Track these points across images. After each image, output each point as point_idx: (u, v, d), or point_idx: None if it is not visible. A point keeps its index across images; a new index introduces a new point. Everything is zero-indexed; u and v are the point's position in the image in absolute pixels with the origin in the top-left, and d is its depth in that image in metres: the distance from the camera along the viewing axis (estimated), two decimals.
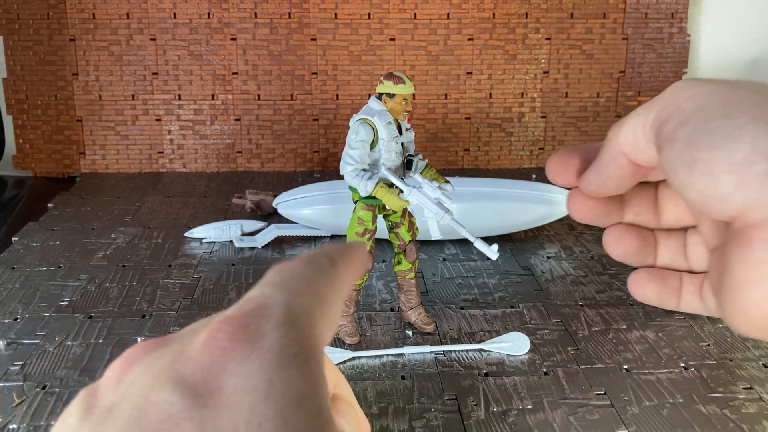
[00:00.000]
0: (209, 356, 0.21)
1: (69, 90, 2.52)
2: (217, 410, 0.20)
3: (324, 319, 0.24)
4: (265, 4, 2.49)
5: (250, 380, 0.20)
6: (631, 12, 2.58)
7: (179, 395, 0.20)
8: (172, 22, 2.49)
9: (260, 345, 0.21)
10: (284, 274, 0.24)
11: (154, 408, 0.20)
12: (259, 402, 0.20)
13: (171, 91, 2.54)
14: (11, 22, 2.47)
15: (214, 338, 0.21)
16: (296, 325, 0.22)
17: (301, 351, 0.22)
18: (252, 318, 0.22)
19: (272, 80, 2.55)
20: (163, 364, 0.21)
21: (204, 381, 0.20)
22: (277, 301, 0.23)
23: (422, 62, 2.57)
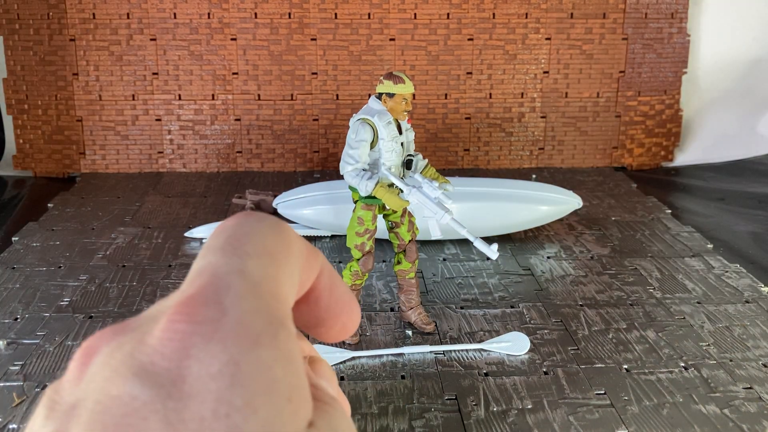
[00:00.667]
0: (169, 342, 0.19)
1: (69, 90, 2.52)
2: (182, 401, 0.18)
3: (282, 277, 0.22)
4: (266, 5, 2.49)
5: (214, 364, 0.19)
6: (631, 12, 2.58)
7: (141, 386, 0.19)
8: (172, 22, 2.49)
9: (222, 323, 0.19)
10: (227, 234, 0.22)
11: (115, 402, 0.18)
12: (224, 389, 0.18)
13: (171, 91, 2.54)
14: (11, 22, 2.47)
15: (173, 322, 0.19)
16: (257, 292, 0.21)
17: (267, 324, 0.20)
18: (209, 294, 0.20)
19: (272, 80, 2.55)
20: (122, 355, 0.20)
21: (166, 370, 0.19)
22: (230, 268, 0.21)
23: (422, 62, 2.57)
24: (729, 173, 2.57)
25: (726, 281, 1.72)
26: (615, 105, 2.65)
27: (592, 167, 2.67)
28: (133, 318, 0.22)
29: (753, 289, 1.68)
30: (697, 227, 2.06)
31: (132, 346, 0.20)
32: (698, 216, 2.18)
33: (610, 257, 1.86)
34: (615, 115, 2.66)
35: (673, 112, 2.70)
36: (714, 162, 2.66)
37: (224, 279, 0.21)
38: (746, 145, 2.66)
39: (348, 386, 1.30)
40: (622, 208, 2.23)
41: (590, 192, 2.36)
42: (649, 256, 1.86)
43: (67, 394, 0.20)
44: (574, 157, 2.67)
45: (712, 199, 2.34)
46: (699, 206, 2.28)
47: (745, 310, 1.58)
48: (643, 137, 2.69)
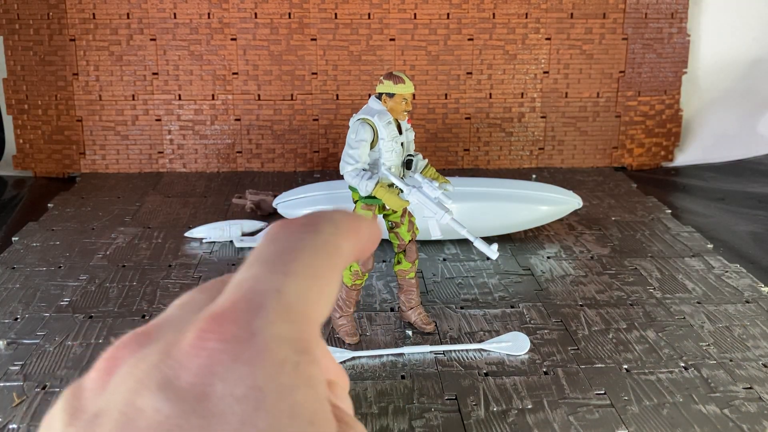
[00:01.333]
0: (196, 358, 0.19)
1: (69, 90, 2.52)
2: (206, 419, 0.19)
3: (320, 299, 0.22)
4: (266, 5, 2.49)
5: (240, 387, 0.19)
6: (630, 12, 2.58)
7: (166, 401, 0.19)
8: (172, 22, 2.49)
9: (250, 346, 0.20)
10: (279, 246, 0.22)
11: (140, 414, 0.19)
12: (250, 413, 0.19)
13: (171, 91, 2.54)
14: (11, 22, 2.47)
15: (201, 339, 0.20)
16: (289, 317, 0.21)
17: (292, 352, 0.20)
18: (240, 312, 0.20)
19: (272, 80, 2.55)
20: (147, 366, 0.20)
21: (191, 385, 0.19)
22: (269, 286, 0.21)
23: (422, 62, 2.57)
24: (729, 173, 2.57)
25: (726, 281, 1.72)
26: (615, 105, 2.65)
27: (592, 167, 2.67)
28: (155, 324, 0.22)
29: (753, 289, 1.68)
30: (697, 227, 2.06)
31: (157, 358, 0.20)
32: (698, 216, 2.18)
33: (610, 257, 1.86)
34: (615, 115, 2.66)
35: (673, 112, 2.70)
36: (714, 162, 2.66)
37: (259, 298, 0.21)
38: (746, 145, 2.66)
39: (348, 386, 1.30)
40: (622, 208, 2.23)
41: (590, 192, 2.36)
42: (649, 256, 1.86)
43: (90, 402, 0.20)
44: (574, 157, 2.67)
45: (712, 199, 2.34)
46: (699, 206, 2.28)
47: (745, 310, 1.58)
48: (643, 137, 2.69)
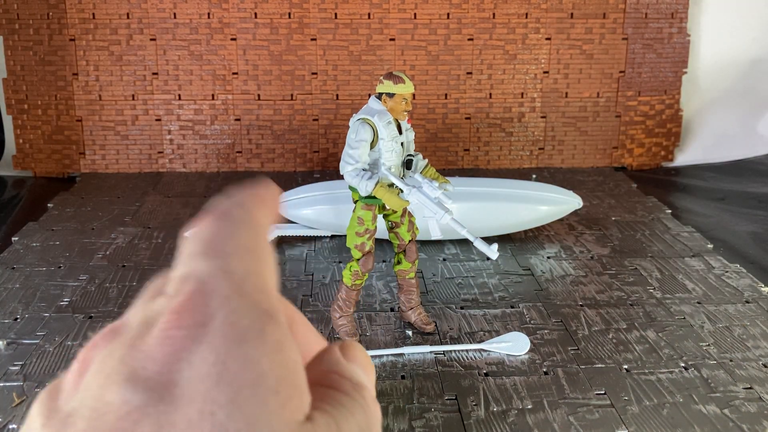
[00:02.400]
0: (160, 348, 0.20)
1: (69, 90, 2.52)
2: (173, 404, 0.19)
3: (264, 270, 0.22)
4: (265, 4, 2.49)
5: (203, 366, 0.19)
6: (631, 12, 2.58)
7: (133, 392, 0.19)
8: (172, 22, 2.49)
9: (210, 327, 0.20)
10: (203, 238, 0.23)
11: (109, 408, 0.19)
12: (211, 389, 0.19)
13: (171, 91, 2.54)
14: (11, 22, 2.47)
15: (164, 330, 0.20)
16: (243, 290, 0.21)
17: (255, 320, 0.20)
18: (196, 299, 0.20)
19: (272, 80, 2.55)
20: (114, 361, 0.20)
21: (158, 374, 0.19)
22: (213, 271, 0.21)
23: (422, 62, 2.57)
24: (729, 173, 2.57)
25: (726, 281, 1.72)
26: (615, 105, 2.64)
27: (592, 167, 2.67)
28: (120, 321, 0.22)
29: (753, 289, 1.68)
30: (697, 227, 2.06)
31: (123, 352, 0.20)
32: (698, 216, 2.18)
33: (610, 257, 1.86)
34: (615, 115, 2.65)
35: (673, 112, 2.70)
36: (714, 162, 2.66)
37: (210, 282, 0.21)
38: (746, 145, 2.66)
39: None
40: (622, 208, 2.23)
41: (590, 192, 2.36)
42: (649, 256, 1.86)
43: (64, 403, 0.21)
44: (574, 157, 2.67)
45: (712, 199, 2.34)
46: (699, 206, 2.27)
47: (745, 310, 1.58)
48: (643, 137, 2.69)
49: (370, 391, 0.25)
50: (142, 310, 0.22)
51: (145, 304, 0.23)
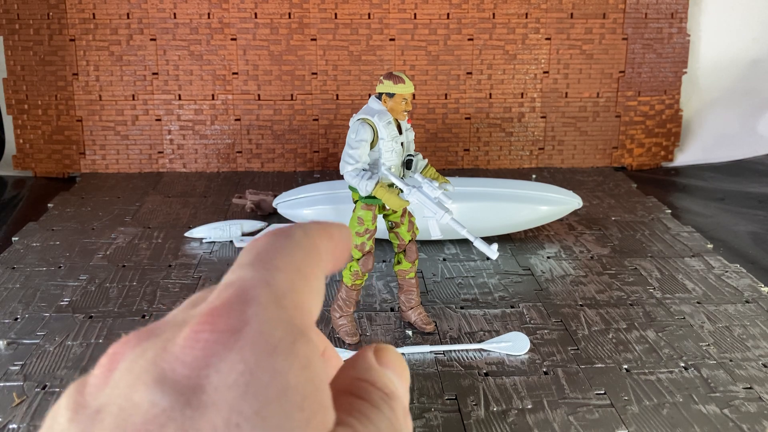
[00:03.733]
0: (191, 351, 0.19)
1: (69, 90, 2.52)
2: (199, 410, 0.18)
3: (309, 291, 0.22)
4: (266, 4, 2.49)
5: (232, 374, 0.19)
6: (630, 12, 2.58)
7: (161, 394, 0.19)
8: (172, 22, 2.49)
9: (243, 334, 0.20)
10: (257, 251, 0.23)
11: (137, 409, 0.19)
12: (238, 399, 0.19)
13: (171, 91, 2.54)
14: (11, 22, 2.47)
15: (196, 332, 0.20)
16: (280, 304, 0.21)
17: (287, 333, 0.20)
18: (233, 305, 0.20)
19: (272, 80, 2.55)
20: (145, 362, 0.20)
21: (186, 378, 0.19)
22: (256, 281, 0.21)
23: (422, 62, 2.57)
24: (729, 173, 2.57)
25: (726, 281, 1.72)
26: (615, 105, 2.65)
27: (592, 167, 2.67)
28: (158, 323, 0.22)
29: (753, 289, 1.68)
30: (697, 227, 2.06)
31: (155, 353, 0.20)
32: (698, 216, 2.18)
33: (610, 257, 1.86)
34: (615, 115, 2.65)
35: (673, 112, 2.70)
36: (714, 162, 2.66)
37: (250, 291, 0.21)
38: (746, 145, 2.66)
39: None
40: (622, 208, 2.23)
41: (590, 192, 2.36)
42: (649, 256, 1.86)
43: (92, 398, 0.21)
44: (574, 157, 2.67)
45: (712, 199, 2.34)
46: (699, 206, 2.27)
47: (745, 310, 1.58)
48: (643, 137, 2.69)
49: (401, 400, 0.25)
50: (182, 314, 0.22)
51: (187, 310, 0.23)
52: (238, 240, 1.91)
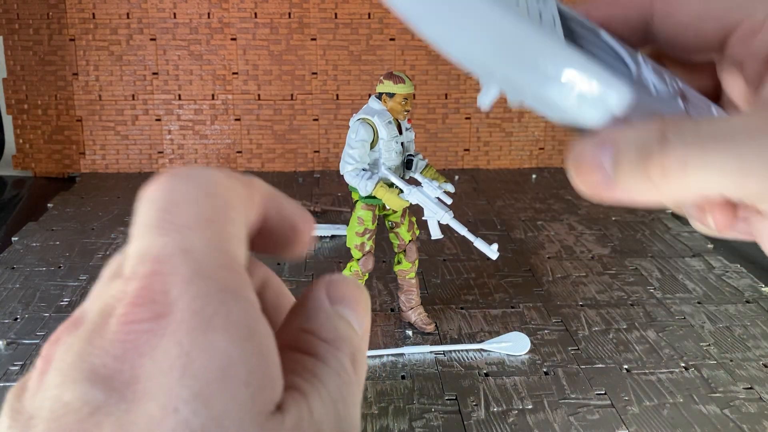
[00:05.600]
0: (121, 344, 0.18)
1: (69, 90, 2.52)
2: (135, 402, 0.17)
3: (228, 240, 0.20)
4: (265, 4, 2.49)
5: (166, 360, 0.18)
6: None
7: (94, 391, 0.18)
8: (172, 22, 2.49)
9: (172, 317, 0.18)
10: (158, 206, 0.20)
11: (68, 408, 0.18)
12: (174, 383, 0.17)
13: (171, 91, 2.54)
14: (11, 22, 2.47)
15: (123, 323, 0.18)
16: (204, 272, 0.19)
17: (220, 305, 0.19)
18: (155, 287, 0.19)
19: (272, 80, 2.55)
20: (72, 358, 0.19)
21: (119, 372, 0.18)
22: (172, 249, 0.19)
23: (422, 62, 2.57)
24: None
25: (726, 281, 1.72)
26: None
27: None
28: (79, 311, 0.21)
29: (753, 289, 1.68)
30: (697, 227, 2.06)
31: (81, 347, 0.19)
32: None
33: (610, 257, 1.86)
34: None
35: None
36: None
37: (167, 264, 0.19)
38: None
39: None
40: (622, 208, 2.22)
41: None
42: (649, 256, 1.86)
43: (28, 404, 0.20)
44: None
45: None
46: None
47: (746, 310, 1.58)
48: None
49: (351, 343, 0.22)
50: (100, 296, 0.20)
51: (103, 289, 0.21)
52: None
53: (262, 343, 0.19)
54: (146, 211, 0.21)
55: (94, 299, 0.21)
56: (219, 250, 0.20)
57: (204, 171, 0.22)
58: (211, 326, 0.18)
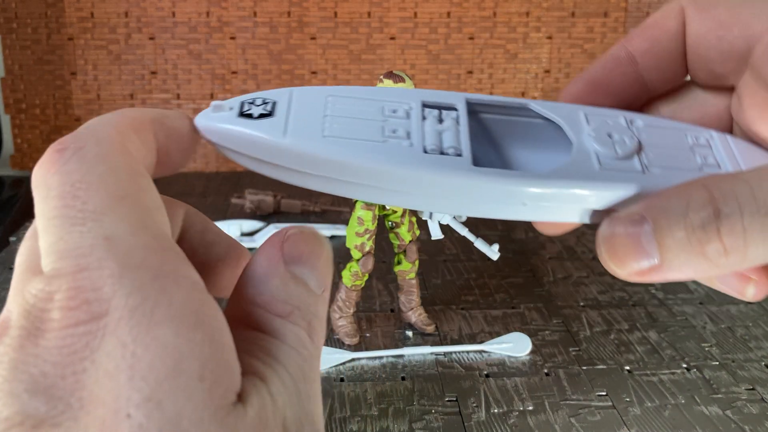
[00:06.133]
0: (58, 349, 0.17)
1: (67, 89, 2.51)
2: (82, 410, 0.16)
3: (147, 213, 0.18)
4: (265, 3, 2.48)
5: (111, 361, 0.17)
6: (632, 11, 2.57)
7: (34, 402, 0.16)
8: (171, 21, 2.48)
9: (110, 316, 0.17)
10: (57, 194, 0.18)
11: (8, 424, 0.16)
12: (123, 387, 0.16)
13: (170, 90, 2.53)
14: (9, 21, 2.46)
15: (59, 329, 0.17)
16: (133, 261, 0.17)
17: (158, 293, 0.17)
18: (86, 287, 0.17)
19: (272, 80, 2.54)
20: (6, 370, 0.17)
21: (60, 378, 0.17)
22: (93, 240, 0.18)
23: (423, 61, 2.56)
24: None
25: None
26: None
27: None
28: (2, 315, 0.19)
29: None
30: None
31: (15, 357, 0.17)
32: None
33: None
34: None
35: None
36: None
37: (91, 259, 0.18)
38: None
39: (348, 387, 1.29)
40: None
41: None
42: None
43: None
44: None
45: None
46: None
47: (748, 310, 1.57)
48: None
49: (307, 311, 0.21)
50: (20, 294, 0.19)
51: (20, 286, 0.19)
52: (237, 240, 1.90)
53: (213, 327, 0.18)
54: (47, 200, 0.19)
55: (14, 298, 0.19)
56: (142, 229, 0.19)
57: (93, 133, 0.20)
58: (153, 320, 0.17)
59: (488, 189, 0.23)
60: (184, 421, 0.16)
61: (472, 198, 0.23)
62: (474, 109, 0.27)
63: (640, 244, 0.22)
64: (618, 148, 0.26)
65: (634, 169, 0.25)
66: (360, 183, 0.24)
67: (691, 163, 0.26)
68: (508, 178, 0.23)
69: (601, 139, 0.26)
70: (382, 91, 0.26)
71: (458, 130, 0.24)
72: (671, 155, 0.26)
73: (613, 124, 0.27)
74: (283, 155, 0.24)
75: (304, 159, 0.24)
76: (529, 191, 0.23)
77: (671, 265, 0.21)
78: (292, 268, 0.21)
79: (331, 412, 1.26)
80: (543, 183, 0.23)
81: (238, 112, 0.26)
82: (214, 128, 0.26)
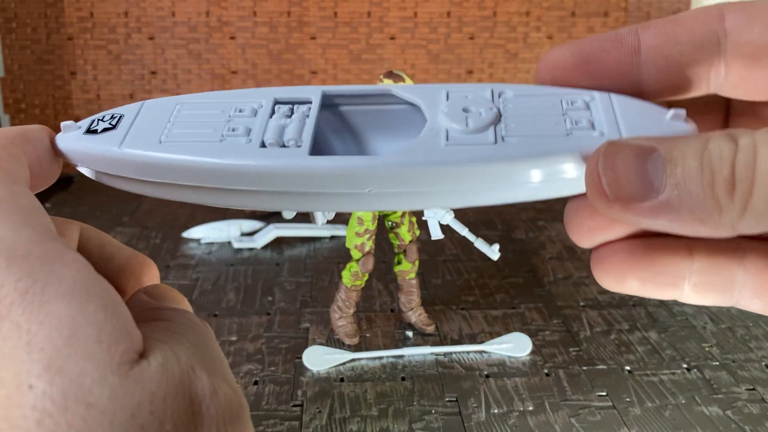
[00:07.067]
0: None
1: (67, 89, 2.51)
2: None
3: (27, 211, 0.19)
4: (265, 3, 2.48)
5: (7, 343, 0.16)
6: (632, 11, 2.57)
7: None
8: (170, 20, 2.48)
9: (1, 304, 0.17)
10: None
11: None
12: (22, 363, 0.16)
13: (169, 90, 2.52)
14: (9, 21, 2.46)
15: None
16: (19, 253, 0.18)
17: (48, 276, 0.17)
18: None
19: (272, 79, 2.54)
20: None
21: None
22: None
23: (423, 61, 2.56)
24: None
25: None
26: None
27: None
28: None
29: None
30: None
31: None
32: None
33: None
34: None
35: None
36: None
37: None
38: None
39: (348, 388, 1.29)
40: None
41: None
42: None
43: None
44: None
45: None
46: None
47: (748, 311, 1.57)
48: None
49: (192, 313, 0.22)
50: None
51: None
52: (236, 240, 1.90)
53: (106, 298, 0.18)
54: None
55: None
56: (24, 227, 0.19)
57: None
58: (45, 298, 0.17)
59: (326, 177, 0.23)
60: (86, 379, 0.16)
61: (313, 189, 0.23)
62: (333, 102, 0.27)
63: (645, 171, 0.20)
64: (470, 122, 0.25)
65: (486, 141, 0.24)
66: (202, 186, 0.24)
67: (559, 128, 0.25)
68: (344, 163, 0.23)
69: (454, 114, 0.25)
70: (236, 93, 0.26)
71: (305, 123, 0.24)
72: (534, 123, 0.25)
73: (473, 97, 0.26)
74: (121, 165, 0.25)
75: (141, 167, 0.24)
76: (368, 175, 0.22)
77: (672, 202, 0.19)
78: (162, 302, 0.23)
79: (331, 412, 1.26)
80: (380, 166, 0.22)
81: (85, 130, 0.26)
82: (65, 148, 0.26)
